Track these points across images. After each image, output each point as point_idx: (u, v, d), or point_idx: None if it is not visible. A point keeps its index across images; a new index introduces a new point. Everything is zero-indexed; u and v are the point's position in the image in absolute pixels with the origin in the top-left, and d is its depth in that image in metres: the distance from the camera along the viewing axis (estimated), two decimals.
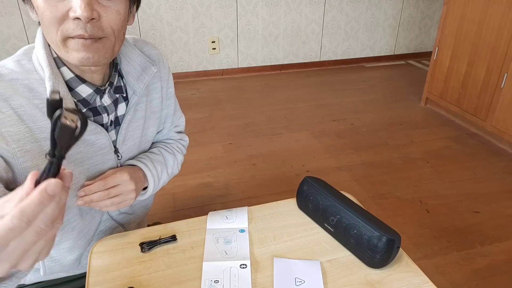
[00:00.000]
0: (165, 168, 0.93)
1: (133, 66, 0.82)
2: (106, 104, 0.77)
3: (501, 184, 2.11)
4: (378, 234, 0.71)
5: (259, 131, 2.67)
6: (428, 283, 0.71)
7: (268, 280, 0.71)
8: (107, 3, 0.64)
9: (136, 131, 0.85)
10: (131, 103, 0.82)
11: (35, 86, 0.68)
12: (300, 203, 0.89)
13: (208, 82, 3.60)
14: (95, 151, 0.77)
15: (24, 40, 3.12)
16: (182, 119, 1.04)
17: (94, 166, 0.78)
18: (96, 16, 0.63)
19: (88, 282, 0.71)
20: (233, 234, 0.82)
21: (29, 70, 0.69)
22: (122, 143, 0.83)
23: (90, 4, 0.61)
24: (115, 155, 0.82)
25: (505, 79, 2.32)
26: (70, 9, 0.62)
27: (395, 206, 1.94)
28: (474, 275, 1.54)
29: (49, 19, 0.62)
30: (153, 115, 0.90)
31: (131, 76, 0.81)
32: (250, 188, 2.06)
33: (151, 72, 0.84)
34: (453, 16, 2.68)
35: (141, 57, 0.83)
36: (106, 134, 0.77)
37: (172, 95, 0.95)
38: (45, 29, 0.65)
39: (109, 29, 0.66)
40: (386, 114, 2.94)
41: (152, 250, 0.77)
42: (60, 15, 0.62)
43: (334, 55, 3.98)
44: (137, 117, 0.84)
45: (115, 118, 0.80)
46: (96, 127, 0.75)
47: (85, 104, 0.74)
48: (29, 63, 0.70)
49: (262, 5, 3.53)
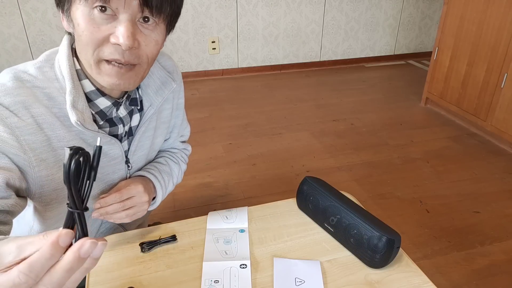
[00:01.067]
0: (171, 178, 0.93)
1: (154, 80, 0.81)
2: (122, 115, 0.77)
3: (501, 184, 2.11)
4: (378, 234, 0.71)
5: (259, 131, 2.67)
6: (428, 283, 0.71)
7: (268, 280, 0.71)
8: (148, 33, 0.64)
9: (146, 141, 0.86)
10: (147, 115, 0.81)
11: (55, 95, 0.67)
12: (300, 203, 0.89)
13: (208, 82, 3.60)
14: (108, 161, 0.77)
15: (24, 40, 3.12)
16: (188, 129, 1.04)
17: (105, 176, 0.78)
18: (136, 45, 0.63)
19: (88, 282, 0.71)
20: (233, 234, 0.82)
21: (50, 78, 0.68)
22: (133, 153, 0.83)
23: (134, 34, 0.61)
24: (126, 165, 0.82)
25: (505, 79, 2.32)
26: (112, 33, 0.61)
27: (395, 206, 1.94)
28: (474, 275, 1.54)
29: (88, 39, 0.61)
30: (162, 125, 0.90)
31: (151, 89, 0.81)
32: (250, 188, 2.06)
33: (171, 87, 0.84)
34: (453, 16, 2.68)
35: (162, 71, 0.83)
36: (119, 145, 0.77)
37: (182, 105, 0.95)
38: (81, 46, 0.64)
39: (144, 57, 0.65)
40: (386, 114, 2.94)
41: (152, 250, 0.77)
42: (101, 37, 0.61)
43: (334, 55, 3.98)
44: (149, 127, 0.84)
45: (128, 128, 0.81)
46: (111, 139, 0.75)
47: (102, 116, 0.73)
48: (51, 70, 0.69)
49: (262, 5, 3.53)
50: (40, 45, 3.18)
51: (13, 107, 0.62)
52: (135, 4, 0.59)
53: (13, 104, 0.62)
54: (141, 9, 0.60)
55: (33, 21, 3.09)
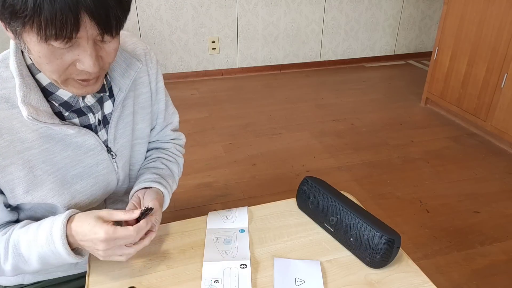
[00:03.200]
0: (174, 179, 0.92)
1: (117, 63, 0.79)
2: (90, 103, 0.74)
3: (501, 184, 2.11)
4: (378, 234, 0.71)
5: (259, 131, 2.67)
6: (428, 283, 0.71)
7: (268, 280, 0.71)
8: (107, 46, 0.62)
9: (126, 128, 0.83)
10: (117, 100, 0.79)
11: (12, 95, 0.66)
12: (300, 203, 0.89)
13: (208, 82, 3.60)
14: (84, 152, 0.75)
15: None
16: (176, 116, 1.01)
17: (88, 169, 0.77)
18: (100, 63, 0.62)
19: (88, 282, 0.71)
20: (233, 234, 0.82)
21: (6, 78, 0.66)
22: (114, 141, 0.81)
23: (98, 59, 0.60)
24: (109, 155, 0.80)
25: (505, 79, 2.32)
26: (77, 60, 0.59)
27: (395, 206, 1.94)
28: (474, 275, 1.54)
29: (52, 69, 0.59)
30: (142, 110, 0.87)
31: (116, 72, 0.78)
32: (250, 188, 2.06)
33: (136, 67, 0.81)
34: (453, 16, 2.68)
35: (125, 53, 0.80)
36: (93, 135, 0.75)
37: (162, 89, 0.92)
38: (42, 69, 0.62)
39: (107, 65, 0.65)
40: (386, 114, 2.94)
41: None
42: (66, 65, 0.60)
43: (334, 55, 3.98)
44: (125, 113, 0.82)
45: (102, 117, 0.78)
46: (80, 129, 0.72)
47: (68, 107, 0.71)
48: (6, 71, 0.67)
49: (262, 5, 3.53)
50: None
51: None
52: (96, 33, 0.57)
53: None
54: (101, 37, 0.58)
55: None
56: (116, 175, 0.83)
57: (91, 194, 0.79)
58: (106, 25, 0.56)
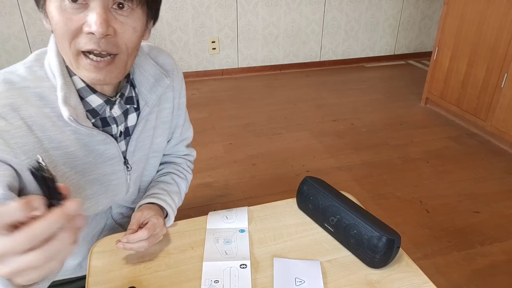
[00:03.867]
0: (179, 196, 0.93)
1: (146, 77, 0.79)
2: (115, 115, 0.75)
3: (501, 184, 2.11)
4: (378, 234, 0.71)
5: (259, 131, 2.67)
6: (428, 283, 0.71)
7: (268, 280, 0.71)
8: (124, 19, 0.62)
9: (145, 141, 0.84)
10: (142, 114, 0.79)
11: (47, 94, 0.66)
12: (300, 203, 0.89)
13: (208, 82, 3.60)
14: (104, 161, 0.76)
15: (24, 40, 3.12)
16: (191, 131, 1.01)
17: (102, 176, 0.77)
18: (111, 33, 0.61)
19: (88, 282, 0.71)
20: (233, 234, 0.82)
21: (40, 77, 0.67)
22: (132, 154, 0.81)
23: (107, 20, 0.59)
24: (125, 166, 0.81)
25: (505, 79, 2.32)
26: (85, 23, 0.59)
27: (395, 206, 1.94)
28: (474, 275, 1.54)
29: (63, 31, 0.60)
30: (162, 125, 0.87)
31: (144, 87, 0.79)
32: (250, 188, 2.06)
33: (164, 84, 0.81)
34: (453, 16, 2.68)
35: (155, 68, 0.81)
36: (115, 145, 0.76)
37: (183, 105, 0.93)
38: (58, 40, 0.63)
39: (123, 46, 0.63)
40: (386, 114, 2.94)
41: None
42: (74, 28, 0.60)
43: (334, 55, 3.98)
44: (147, 127, 0.83)
45: (125, 128, 0.79)
46: (107, 137, 0.73)
47: (95, 114, 0.72)
48: (41, 69, 0.68)
49: (262, 5, 3.53)
50: (40, 45, 3.17)
51: (0, 110, 0.61)
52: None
53: (1, 107, 0.62)
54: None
55: (33, 21, 3.09)
56: (126, 187, 0.84)
57: (98, 201, 0.80)
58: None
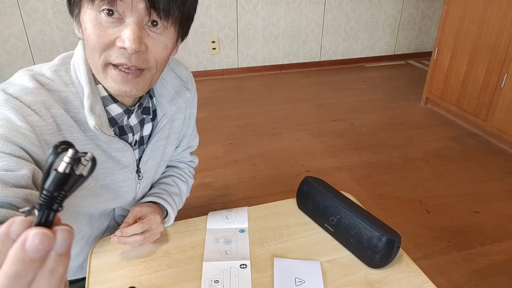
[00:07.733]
0: (181, 198, 0.93)
1: (167, 89, 0.80)
2: (132, 124, 0.76)
3: (501, 184, 2.11)
4: (378, 234, 0.71)
5: (259, 131, 2.67)
6: (428, 283, 0.71)
7: (268, 280, 0.71)
8: (156, 37, 0.62)
9: (158, 151, 0.85)
10: (160, 125, 0.80)
11: (72, 99, 0.67)
12: (300, 203, 0.89)
13: (208, 82, 3.60)
14: (119, 168, 0.76)
15: (24, 40, 3.12)
16: (197, 140, 1.03)
17: (114, 183, 0.78)
18: (143, 49, 0.61)
19: (88, 282, 0.71)
20: (233, 234, 0.82)
21: (66, 82, 0.68)
22: (145, 163, 0.82)
23: (140, 37, 0.60)
24: (136, 175, 0.81)
25: (505, 79, 2.32)
26: (118, 37, 0.60)
27: (395, 206, 1.94)
28: (474, 275, 1.54)
29: (95, 43, 0.61)
30: (173, 135, 0.89)
31: (164, 98, 0.80)
32: (250, 188, 2.06)
33: (184, 97, 0.82)
34: (453, 16, 2.68)
35: (176, 80, 0.82)
36: (132, 153, 0.77)
37: (194, 115, 0.94)
38: (88, 50, 0.64)
39: (153, 61, 0.64)
40: (386, 114, 2.94)
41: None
42: (108, 41, 0.60)
43: (334, 55, 3.98)
44: (161, 137, 0.83)
45: (140, 137, 0.80)
46: (125, 145, 0.74)
47: (113, 123, 0.73)
48: (66, 74, 0.68)
49: (262, 5, 3.53)
50: (40, 45, 3.17)
51: (35, 106, 0.62)
52: (142, 7, 0.58)
53: (35, 103, 0.62)
54: (148, 12, 0.59)
55: (33, 21, 3.08)
56: (134, 194, 0.85)
57: (105, 204, 0.81)
58: (153, 1, 0.58)
